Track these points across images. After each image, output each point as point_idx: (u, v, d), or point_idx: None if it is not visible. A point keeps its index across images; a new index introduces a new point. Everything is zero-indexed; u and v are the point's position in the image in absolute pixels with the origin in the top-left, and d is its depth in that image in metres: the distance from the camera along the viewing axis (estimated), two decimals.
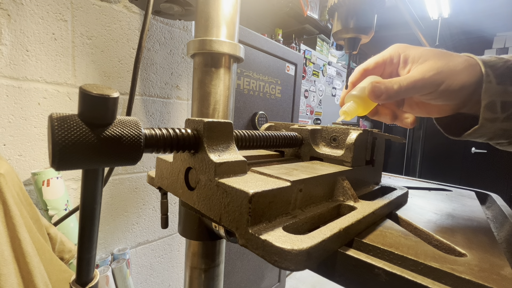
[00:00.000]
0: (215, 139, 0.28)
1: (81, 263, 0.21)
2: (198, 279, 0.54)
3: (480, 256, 0.24)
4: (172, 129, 0.26)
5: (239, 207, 0.22)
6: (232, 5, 0.60)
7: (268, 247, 0.19)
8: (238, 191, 0.22)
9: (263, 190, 0.22)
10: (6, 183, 0.49)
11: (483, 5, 2.93)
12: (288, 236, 0.20)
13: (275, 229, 0.21)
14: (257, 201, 0.21)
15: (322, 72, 2.80)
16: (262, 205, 0.22)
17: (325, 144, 0.42)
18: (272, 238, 0.20)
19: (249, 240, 0.21)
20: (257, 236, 0.20)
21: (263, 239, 0.20)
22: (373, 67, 0.40)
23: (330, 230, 0.22)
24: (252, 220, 0.21)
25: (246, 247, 0.21)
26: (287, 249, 0.18)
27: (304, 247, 0.19)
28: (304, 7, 2.42)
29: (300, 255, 0.18)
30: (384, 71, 0.40)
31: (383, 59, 0.39)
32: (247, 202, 0.21)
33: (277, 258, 0.19)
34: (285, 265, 0.18)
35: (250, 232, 0.21)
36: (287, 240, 0.19)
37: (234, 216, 0.23)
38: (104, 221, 0.95)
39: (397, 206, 0.37)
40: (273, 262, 0.19)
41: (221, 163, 0.26)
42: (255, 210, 0.21)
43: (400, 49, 0.38)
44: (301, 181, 0.26)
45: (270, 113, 1.60)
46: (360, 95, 0.37)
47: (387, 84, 0.34)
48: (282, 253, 0.18)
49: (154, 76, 1.03)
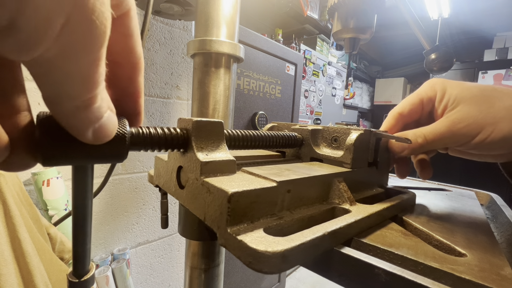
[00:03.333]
0: (204, 138, 0.28)
1: (76, 256, 0.21)
2: (198, 279, 0.54)
3: (480, 256, 0.24)
4: (161, 128, 0.26)
5: (220, 206, 0.22)
6: (232, 5, 0.60)
7: (243, 248, 0.19)
8: (219, 190, 0.22)
9: (244, 190, 0.22)
10: (6, 183, 0.49)
11: (483, 5, 2.93)
12: (265, 238, 0.20)
13: (255, 230, 0.21)
14: (237, 200, 0.21)
15: (322, 72, 2.80)
16: (242, 205, 0.22)
17: (326, 145, 0.41)
18: (248, 239, 0.20)
19: (227, 240, 0.21)
20: (234, 236, 0.20)
21: (239, 240, 0.20)
22: (408, 111, 0.36)
23: (313, 233, 0.21)
24: (231, 220, 0.21)
25: (225, 247, 0.21)
26: (260, 250, 0.18)
27: (279, 250, 0.18)
28: (304, 7, 2.42)
29: (273, 258, 0.18)
30: (423, 111, 0.35)
31: (419, 99, 0.35)
32: (226, 201, 0.21)
33: (251, 259, 0.19)
34: (258, 266, 0.18)
35: (229, 232, 0.21)
36: (263, 241, 0.19)
37: (216, 215, 0.23)
38: (104, 221, 0.95)
39: (402, 210, 0.36)
40: (248, 264, 0.19)
41: (207, 162, 0.26)
42: (234, 210, 0.21)
43: (438, 86, 0.33)
44: (289, 181, 0.26)
45: (270, 113, 1.60)
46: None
47: (411, 137, 0.31)
48: (255, 255, 0.18)
49: (154, 76, 1.03)
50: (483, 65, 3.57)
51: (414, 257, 0.22)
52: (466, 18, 3.23)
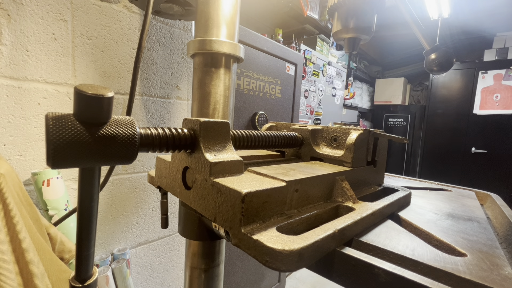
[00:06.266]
0: (211, 138, 0.28)
1: (80, 260, 0.21)
2: (198, 279, 0.54)
3: (480, 256, 0.24)
4: (169, 128, 0.26)
5: (232, 207, 0.22)
6: (232, 5, 0.60)
7: (260, 247, 0.19)
8: (232, 191, 0.22)
9: (257, 190, 0.22)
10: (6, 183, 0.49)
11: (483, 5, 2.93)
12: (281, 237, 0.20)
13: (269, 229, 0.21)
14: (250, 201, 0.21)
15: (322, 72, 2.80)
16: (255, 205, 0.22)
17: (326, 144, 0.42)
18: (264, 238, 0.20)
19: (241, 240, 0.21)
20: (249, 236, 0.20)
21: (255, 239, 0.20)
22: None
23: (325, 231, 0.22)
24: (245, 220, 0.21)
25: (238, 246, 0.21)
26: (278, 249, 0.18)
27: (296, 248, 0.18)
28: (304, 7, 2.42)
29: (291, 256, 0.18)
30: None
31: None
32: (240, 201, 0.21)
33: (268, 258, 0.19)
34: (275, 265, 0.18)
35: (243, 232, 0.21)
36: (279, 240, 0.19)
37: (228, 216, 0.23)
38: (104, 221, 0.95)
39: (399, 207, 0.36)
40: (264, 262, 0.19)
41: (216, 162, 0.26)
42: (248, 210, 0.21)
43: None
44: (297, 181, 0.26)
45: (270, 113, 1.60)
46: None
47: None
48: (273, 254, 0.18)
49: (154, 76, 1.03)
50: (483, 65, 3.57)
51: (414, 257, 0.22)
52: (466, 18, 3.23)
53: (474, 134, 3.65)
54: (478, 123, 3.61)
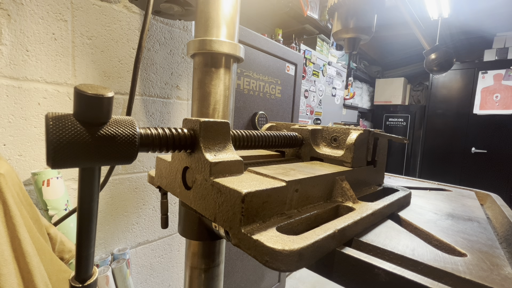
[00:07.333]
0: (211, 138, 0.28)
1: (80, 260, 0.21)
2: (198, 279, 0.54)
3: (480, 256, 0.24)
4: (169, 128, 0.26)
5: (232, 207, 0.22)
6: (232, 5, 0.60)
7: (260, 247, 0.19)
8: (232, 191, 0.22)
9: (257, 190, 0.22)
10: (6, 183, 0.49)
11: (483, 5, 2.93)
12: (280, 237, 0.20)
13: (269, 229, 0.21)
14: (250, 201, 0.21)
15: (322, 72, 2.80)
16: (255, 205, 0.22)
17: (326, 144, 0.42)
18: (264, 238, 0.20)
19: (241, 240, 0.21)
20: (249, 236, 0.20)
21: (255, 239, 0.20)
22: None
23: (325, 231, 0.22)
24: (245, 220, 0.21)
25: (238, 246, 0.21)
26: (278, 249, 0.18)
27: (296, 248, 0.18)
28: (304, 7, 2.42)
29: (291, 256, 0.18)
30: None
31: None
32: (240, 201, 0.21)
33: (268, 258, 0.19)
34: (275, 265, 0.18)
35: (243, 232, 0.21)
36: (278, 240, 0.19)
37: (228, 216, 0.23)
38: (104, 221, 0.95)
39: (399, 207, 0.36)
40: (264, 263, 0.19)
41: (216, 162, 0.26)
42: (248, 210, 0.21)
43: None
44: (297, 181, 0.26)
45: (270, 113, 1.60)
46: None
47: None
48: (273, 254, 0.18)
49: (154, 76, 1.03)
50: (483, 65, 3.57)
51: (414, 257, 0.22)
52: (466, 18, 3.23)
53: (474, 134, 3.65)
54: (478, 123, 3.61)
